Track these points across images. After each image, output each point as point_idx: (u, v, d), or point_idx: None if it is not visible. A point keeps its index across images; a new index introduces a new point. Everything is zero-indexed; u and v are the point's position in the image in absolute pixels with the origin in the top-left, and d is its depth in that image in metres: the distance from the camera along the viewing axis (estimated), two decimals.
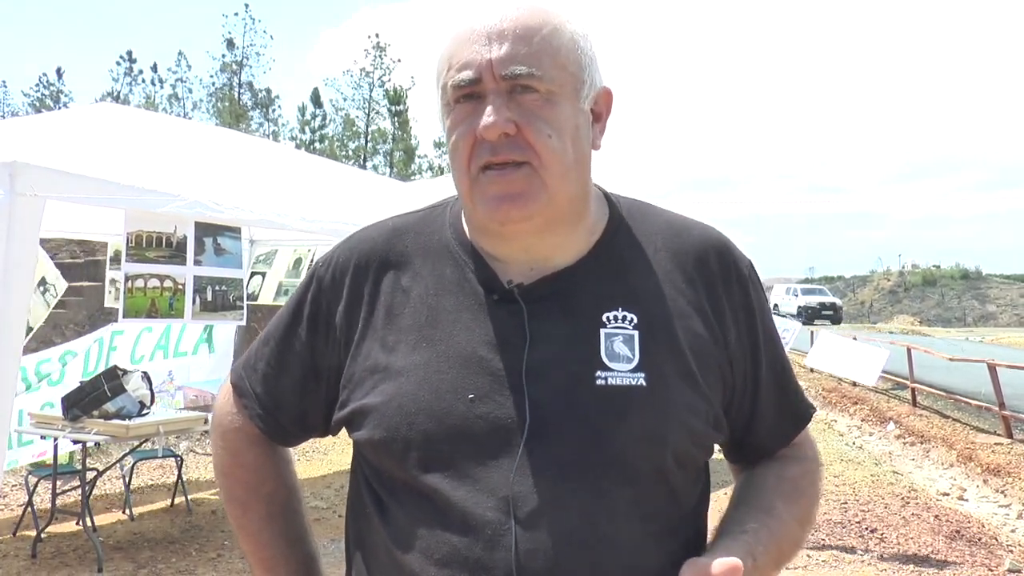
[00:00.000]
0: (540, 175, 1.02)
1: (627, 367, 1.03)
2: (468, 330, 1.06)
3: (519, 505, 0.98)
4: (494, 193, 1.02)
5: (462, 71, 1.02)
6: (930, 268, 59.86)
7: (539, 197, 1.02)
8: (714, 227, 1.19)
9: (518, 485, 0.98)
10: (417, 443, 1.02)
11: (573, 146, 1.05)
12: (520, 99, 1.01)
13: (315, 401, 1.17)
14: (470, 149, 1.03)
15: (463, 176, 1.05)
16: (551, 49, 1.03)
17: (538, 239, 1.07)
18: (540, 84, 1.01)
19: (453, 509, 1.00)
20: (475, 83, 1.02)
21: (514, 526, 0.97)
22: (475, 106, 1.03)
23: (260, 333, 1.27)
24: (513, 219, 1.03)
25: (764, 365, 1.15)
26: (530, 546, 0.97)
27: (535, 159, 1.02)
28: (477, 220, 1.09)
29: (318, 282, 1.18)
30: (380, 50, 40.04)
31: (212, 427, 1.29)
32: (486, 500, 0.99)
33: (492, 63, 1.01)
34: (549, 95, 1.02)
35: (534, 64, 1.01)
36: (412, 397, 1.03)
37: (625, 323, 1.06)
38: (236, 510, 1.26)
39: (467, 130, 1.03)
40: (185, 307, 4.76)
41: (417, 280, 1.11)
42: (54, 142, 4.33)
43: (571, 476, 0.99)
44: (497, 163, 1.02)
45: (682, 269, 1.12)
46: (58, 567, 4.99)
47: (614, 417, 1.01)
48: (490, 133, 1.00)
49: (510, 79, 1.01)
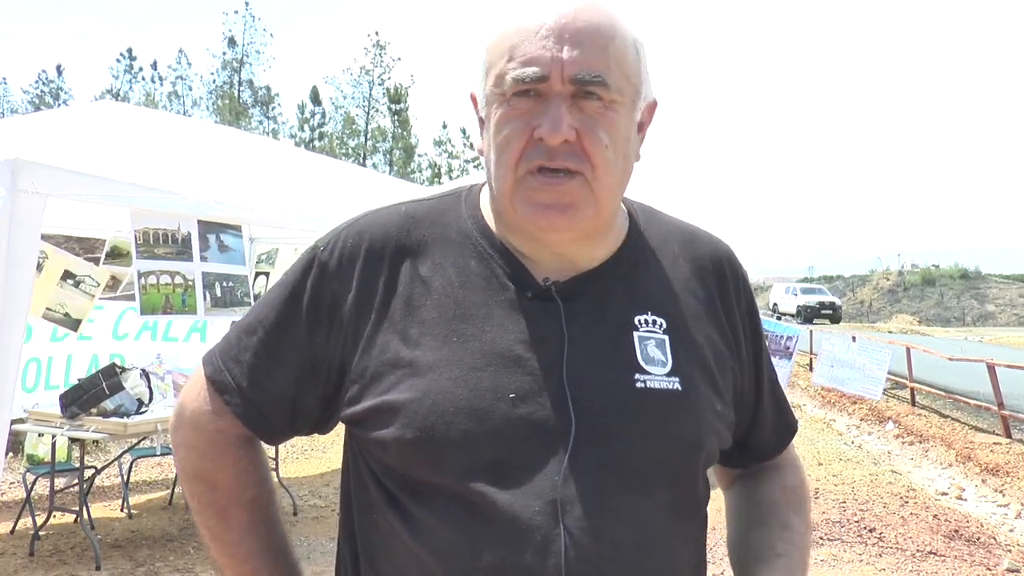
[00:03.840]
0: (592, 187, 0.99)
1: (663, 371, 1.03)
2: (501, 327, 1.01)
3: (567, 509, 0.95)
4: (542, 201, 0.99)
5: (528, 66, 0.97)
6: (929, 267, 59.88)
7: (587, 209, 1.00)
8: (717, 235, 1.21)
9: (565, 488, 0.95)
10: (457, 444, 0.96)
11: (624, 159, 1.02)
12: (583, 105, 0.98)
13: (310, 397, 1.08)
14: (522, 148, 0.98)
15: (507, 174, 1.00)
16: (620, 57, 0.99)
17: (573, 246, 1.05)
18: (606, 92, 0.98)
19: (499, 514, 0.95)
20: (541, 80, 0.96)
21: (563, 531, 0.94)
22: (534, 104, 0.98)
23: (239, 321, 1.14)
24: (558, 229, 1.00)
25: (765, 374, 1.20)
26: (580, 551, 0.94)
27: (589, 170, 0.98)
28: (513, 220, 1.04)
29: (321, 267, 1.07)
30: (380, 48, 40.05)
31: (178, 425, 1.14)
32: (533, 504, 0.94)
33: (564, 64, 0.96)
34: (611, 104, 0.99)
35: (604, 71, 0.97)
36: (448, 395, 0.97)
37: (656, 327, 1.05)
38: (212, 519, 1.13)
39: (523, 127, 0.98)
40: (197, 303, 4.77)
41: (438, 271, 1.05)
42: (55, 139, 4.33)
43: (617, 479, 0.97)
44: (551, 168, 0.98)
45: (698, 276, 1.13)
46: (56, 565, 4.99)
47: (656, 420, 1.00)
48: (554, 139, 0.96)
49: (579, 84, 0.97)
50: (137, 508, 6.25)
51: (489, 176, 1.05)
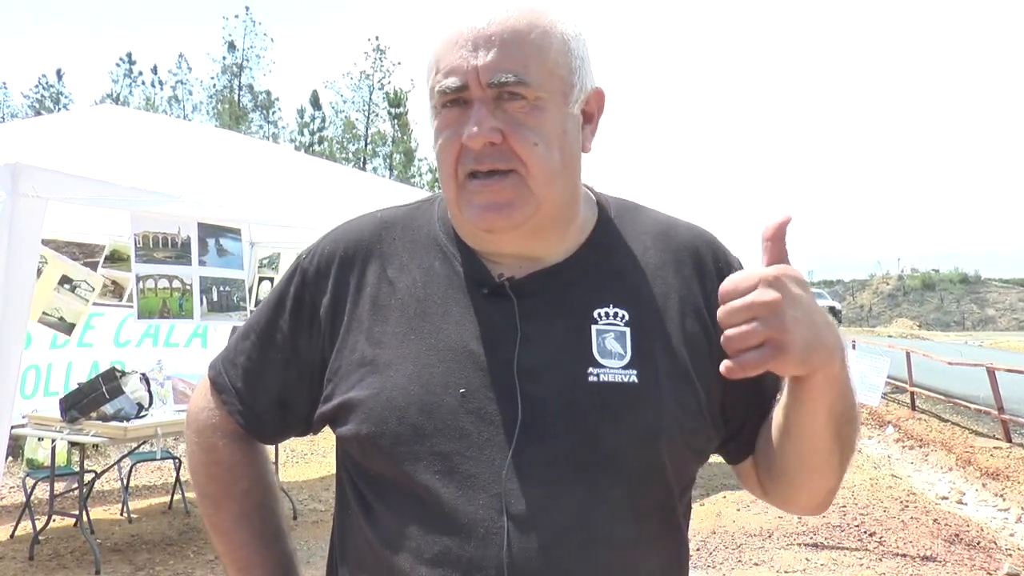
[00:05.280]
0: (527, 184, 1.01)
1: (619, 364, 1.03)
2: (458, 324, 1.04)
3: (512, 503, 0.96)
4: (480, 202, 1.01)
5: (448, 77, 1.00)
6: (929, 272, 59.93)
7: (526, 206, 1.02)
8: (702, 226, 1.19)
9: (510, 482, 0.97)
10: (406, 438, 1.00)
11: (561, 153, 1.03)
12: (506, 106, 1.00)
13: (297, 397, 1.13)
14: (456, 155, 1.02)
15: (450, 181, 1.04)
16: (539, 54, 1.01)
17: (526, 242, 1.07)
18: (527, 91, 1.00)
19: (444, 506, 0.98)
20: (461, 90, 1.00)
21: (507, 524, 0.96)
22: (461, 112, 1.01)
23: (239, 327, 1.23)
24: (499, 228, 1.03)
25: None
26: (523, 545, 0.95)
27: (521, 167, 1.00)
28: (463, 225, 1.08)
29: (302, 275, 1.14)
30: (380, 52, 40.14)
31: (187, 423, 1.24)
32: (478, 497, 0.97)
33: (478, 70, 0.99)
34: (537, 102, 1.01)
35: (521, 71, 0.99)
36: (401, 390, 1.01)
37: (616, 320, 1.05)
38: (209, 508, 1.22)
39: (453, 136, 1.01)
40: (194, 307, 4.79)
41: (404, 272, 1.09)
42: (56, 144, 4.34)
43: (564, 473, 0.98)
44: (483, 171, 1.00)
45: (674, 265, 1.11)
46: (56, 569, 4.98)
47: (607, 414, 1.00)
48: (474, 143, 0.99)
49: (496, 87, 0.99)
50: (137, 512, 6.25)
51: (442, 186, 1.08)
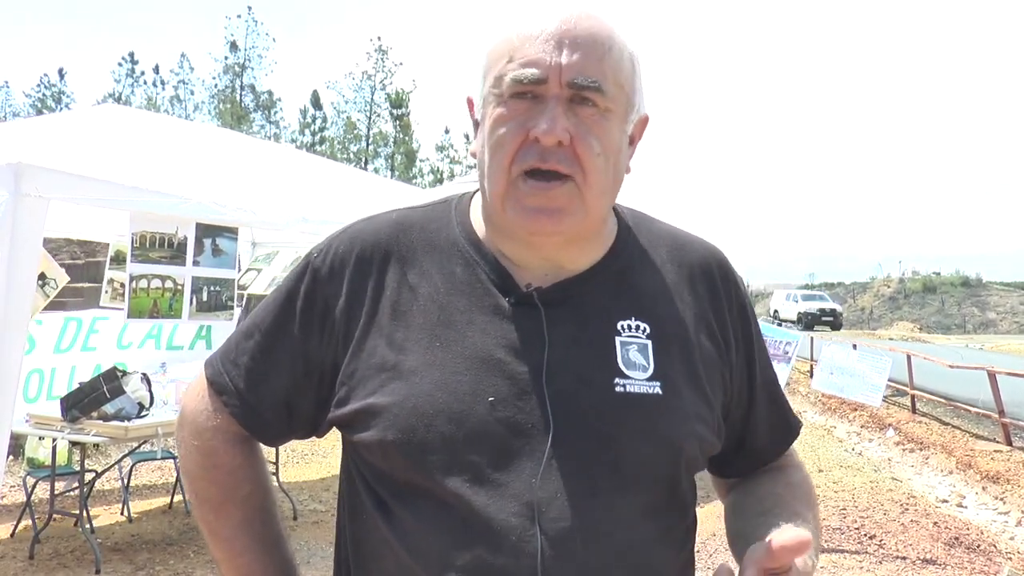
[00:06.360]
0: (582, 192, 1.01)
1: (643, 376, 1.04)
2: (483, 332, 1.03)
3: (543, 511, 0.96)
4: (533, 205, 1.01)
5: (527, 67, 0.99)
6: (930, 275, 59.85)
7: (576, 214, 1.02)
8: (711, 242, 1.21)
9: (542, 491, 0.96)
10: (435, 446, 0.98)
11: (614, 168, 1.04)
12: (578, 110, 1.00)
13: (304, 399, 1.11)
14: (516, 148, 1.00)
15: (501, 175, 1.02)
16: (616, 66, 1.02)
17: (561, 250, 1.07)
18: (601, 99, 1.00)
19: (475, 514, 0.96)
20: (539, 83, 0.99)
21: (539, 532, 0.95)
22: (530, 106, 1.00)
23: (240, 325, 1.19)
24: (546, 232, 1.02)
25: (759, 378, 1.19)
26: (555, 553, 0.95)
27: (579, 175, 1.00)
28: (504, 224, 1.06)
29: (313, 273, 1.11)
30: (382, 53, 40.12)
31: (180, 425, 1.19)
32: (509, 506, 0.96)
33: (562, 68, 0.98)
34: (606, 112, 1.01)
35: (600, 78, 1.00)
36: (428, 398, 1.00)
37: (638, 332, 1.06)
38: (209, 514, 1.18)
39: (518, 128, 1.00)
40: (183, 307, 4.80)
41: (425, 278, 1.08)
42: (58, 143, 4.35)
43: (595, 483, 0.98)
44: (543, 169, 1.00)
45: (688, 281, 1.14)
46: (56, 568, 4.99)
47: (635, 424, 1.01)
48: (548, 139, 0.98)
49: (575, 88, 0.99)
50: (137, 512, 6.25)
51: (482, 178, 1.07)
